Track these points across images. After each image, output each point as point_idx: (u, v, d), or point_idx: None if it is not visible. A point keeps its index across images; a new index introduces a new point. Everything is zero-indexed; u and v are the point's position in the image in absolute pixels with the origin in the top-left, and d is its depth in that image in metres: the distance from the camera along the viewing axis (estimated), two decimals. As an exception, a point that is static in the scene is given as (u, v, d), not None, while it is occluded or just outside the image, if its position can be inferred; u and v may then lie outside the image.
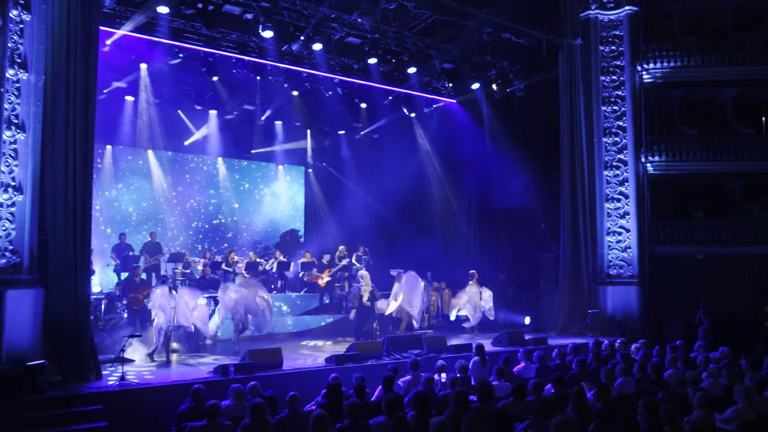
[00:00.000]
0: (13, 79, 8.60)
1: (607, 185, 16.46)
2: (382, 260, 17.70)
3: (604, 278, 16.21)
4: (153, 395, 8.42)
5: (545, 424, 6.27)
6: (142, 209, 18.34)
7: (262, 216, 21.07)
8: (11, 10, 8.58)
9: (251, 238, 20.69)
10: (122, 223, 17.62)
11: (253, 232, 20.87)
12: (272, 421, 7.06)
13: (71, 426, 7.59)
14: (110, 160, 17.56)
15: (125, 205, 18.06)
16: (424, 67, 16.20)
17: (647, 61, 16.52)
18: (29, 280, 8.68)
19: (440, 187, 19.44)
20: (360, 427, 6.60)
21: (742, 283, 15.92)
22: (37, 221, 8.91)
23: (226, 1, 12.76)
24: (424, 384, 8.57)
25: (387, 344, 11.45)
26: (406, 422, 6.16)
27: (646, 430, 6.31)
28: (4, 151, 8.45)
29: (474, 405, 7.42)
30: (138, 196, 18.30)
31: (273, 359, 10.01)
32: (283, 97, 17.44)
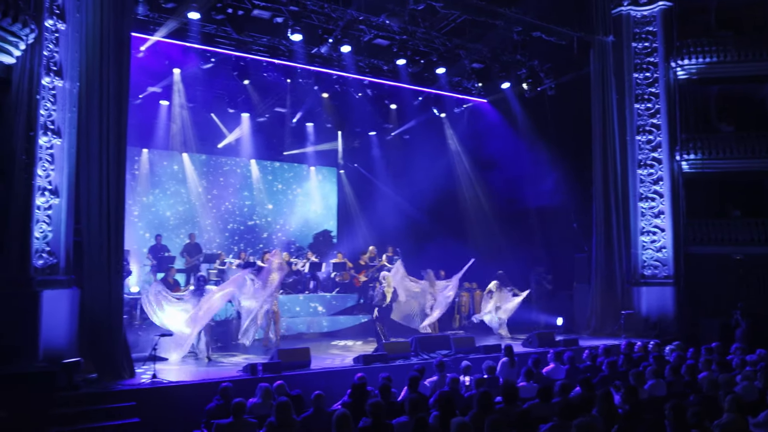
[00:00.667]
0: (49, 87, 8.90)
1: (641, 184, 16.19)
2: (414, 260, 17.74)
3: (638, 279, 15.96)
4: (183, 393, 8.62)
5: (569, 426, 6.23)
6: (178, 211, 18.69)
7: (295, 217, 21.28)
8: (47, 19, 8.87)
9: (285, 239, 20.92)
10: (159, 225, 17.97)
11: (286, 232, 21.08)
12: (297, 419, 7.15)
13: (104, 422, 7.83)
14: (147, 163, 17.94)
15: (162, 207, 18.43)
16: (453, 67, 16.19)
17: (682, 57, 16.19)
18: (65, 281, 8.97)
19: (471, 187, 19.37)
20: (383, 427, 6.65)
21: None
22: (73, 223, 9.18)
23: (255, 6, 12.99)
24: (449, 384, 8.61)
25: (415, 344, 11.49)
26: (427, 422, 6.19)
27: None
28: (40, 156, 8.74)
29: (499, 406, 7.40)
30: (174, 199, 18.67)
31: (301, 359, 10.14)
32: (314, 99, 17.62)
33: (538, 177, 17.33)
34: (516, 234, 18.26)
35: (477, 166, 19.21)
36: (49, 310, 8.54)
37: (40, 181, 8.75)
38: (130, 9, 10.24)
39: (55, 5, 9.04)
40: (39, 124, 8.70)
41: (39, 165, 8.74)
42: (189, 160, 18.62)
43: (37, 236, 8.69)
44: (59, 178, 9.02)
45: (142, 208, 17.90)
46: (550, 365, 10.58)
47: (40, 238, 8.72)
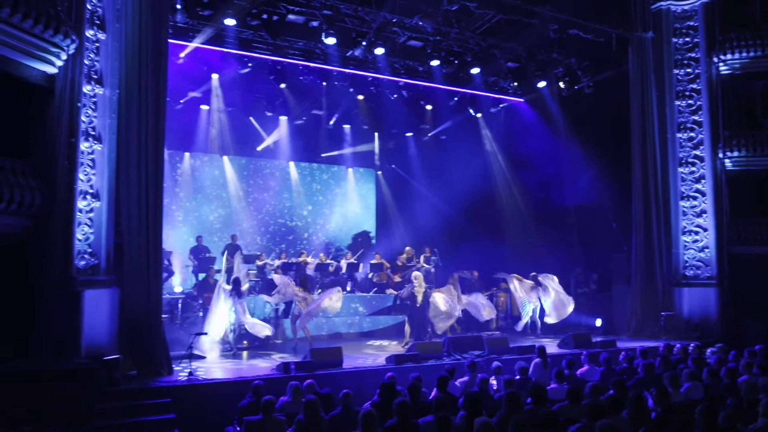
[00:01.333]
0: (90, 94, 9.26)
1: (682, 183, 15.82)
2: (450, 261, 17.78)
3: (680, 279, 15.59)
4: (218, 390, 8.86)
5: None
6: (219, 213, 19.12)
7: (334, 218, 21.52)
8: (87, 30, 9.24)
9: (324, 240, 21.18)
10: (201, 227, 18.42)
11: (325, 233, 21.34)
12: (325, 417, 7.29)
13: (141, 417, 8.12)
14: (189, 166, 18.41)
15: (203, 210, 18.88)
16: (488, 67, 16.14)
17: (724, 51, 15.73)
18: (106, 281, 9.32)
19: (507, 187, 19.28)
20: (409, 426, 6.71)
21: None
22: (113, 226, 9.53)
23: (290, 11, 13.23)
24: (478, 385, 8.63)
25: (447, 345, 11.52)
26: (449, 422, 6.24)
27: None
28: (82, 161, 9.11)
29: (527, 407, 7.39)
30: (215, 201, 19.10)
31: (333, 358, 10.29)
32: (350, 101, 17.81)
33: (575, 176, 17.13)
34: (553, 234, 18.08)
35: (513, 165, 19.10)
36: (90, 309, 8.89)
37: (81, 185, 9.12)
38: (167, 18, 10.56)
39: (95, 16, 9.41)
40: (80, 131, 9.07)
41: (81, 170, 9.10)
42: (229, 163, 19.03)
43: (79, 238, 9.06)
44: (100, 182, 9.38)
45: (184, 210, 18.37)
46: (584, 367, 10.49)
47: (82, 240, 9.09)
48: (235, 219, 19.27)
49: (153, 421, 8.11)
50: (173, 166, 18.18)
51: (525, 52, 16.35)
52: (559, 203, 17.69)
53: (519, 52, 16.29)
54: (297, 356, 11.27)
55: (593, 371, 10.31)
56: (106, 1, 9.57)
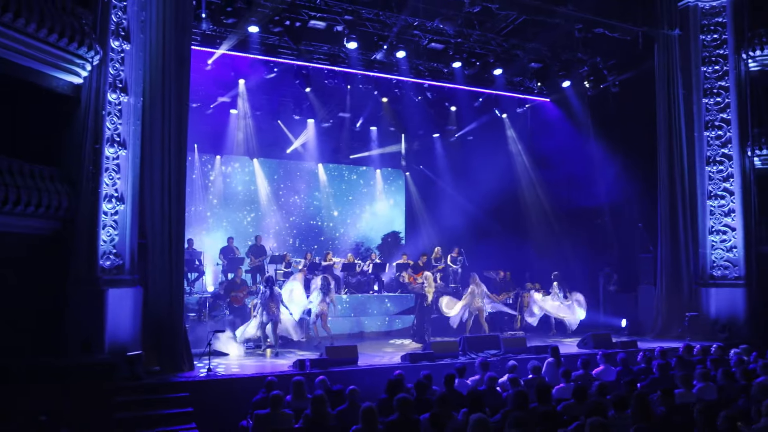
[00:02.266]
0: (115, 102, 9.74)
1: (710, 181, 15.59)
2: (478, 261, 17.90)
3: (707, 280, 15.37)
4: (234, 385, 9.23)
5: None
6: (250, 215, 19.61)
7: (363, 219, 21.82)
8: (113, 41, 9.72)
9: (353, 240, 21.49)
10: (232, 228, 18.93)
11: (354, 234, 21.65)
12: (332, 413, 7.57)
13: (160, 410, 8.54)
14: (220, 169, 18.95)
15: (234, 211, 19.39)
16: (511, 68, 16.20)
17: (753, 48, 15.44)
18: (130, 280, 9.80)
19: (533, 187, 19.27)
20: (409, 422, 6.93)
21: None
22: (137, 227, 10.00)
23: (312, 17, 13.56)
24: (486, 383, 8.78)
25: (463, 344, 11.67)
26: (442, 418, 6.44)
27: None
28: (107, 166, 9.60)
29: (532, 405, 7.51)
30: (246, 202, 19.58)
31: (349, 356, 10.57)
32: (375, 104, 18.07)
33: (600, 176, 17.05)
34: (579, 234, 18.04)
35: (539, 165, 19.09)
36: (114, 307, 9.37)
37: (106, 189, 9.61)
38: (190, 27, 10.98)
39: (120, 28, 9.89)
40: (106, 137, 9.55)
41: (106, 174, 9.59)
42: (259, 166, 19.50)
43: (105, 239, 9.55)
44: (125, 185, 9.86)
45: (215, 212, 18.91)
46: (600, 367, 10.51)
47: (107, 241, 9.58)
48: (266, 220, 19.74)
49: (171, 414, 8.52)
50: (204, 169, 18.73)
51: (549, 52, 16.37)
52: (585, 203, 17.62)
53: (542, 53, 16.31)
54: (317, 354, 11.57)
55: (609, 371, 10.34)
56: (131, 13, 10.04)
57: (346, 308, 16.01)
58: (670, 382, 9.02)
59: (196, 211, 18.48)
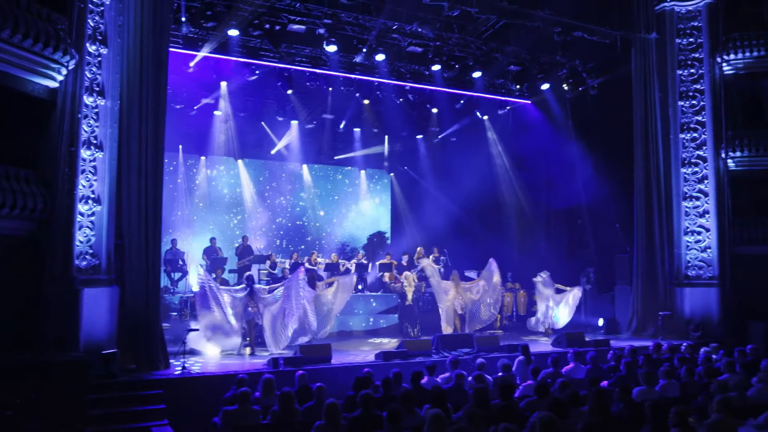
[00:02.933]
0: (92, 106, 9.92)
1: (685, 183, 15.84)
2: (461, 260, 18.15)
3: (682, 279, 15.62)
4: (207, 383, 9.42)
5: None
6: (235, 216, 19.80)
7: (348, 219, 22.03)
8: (90, 45, 9.90)
9: (339, 240, 21.70)
10: (216, 228, 19.10)
11: (341, 233, 21.86)
12: (300, 409, 7.79)
13: (134, 407, 8.74)
14: (205, 171, 19.12)
15: (219, 212, 19.58)
16: (490, 71, 16.41)
17: (728, 52, 15.71)
18: (106, 280, 9.97)
19: (515, 189, 19.52)
20: (372, 417, 7.16)
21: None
22: (114, 228, 10.18)
23: (291, 21, 13.75)
24: (454, 380, 9.01)
25: (436, 342, 11.89)
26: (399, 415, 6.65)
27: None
28: (84, 168, 9.78)
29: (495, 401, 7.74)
30: (231, 203, 19.77)
31: (322, 354, 10.78)
32: (358, 106, 18.27)
33: (580, 177, 17.28)
34: (558, 234, 18.30)
35: (519, 166, 19.34)
36: (89, 306, 9.55)
37: (83, 190, 9.79)
38: (167, 32, 11.16)
39: (98, 32, 10.06)
40: (82, 140, 9.73)
41: (83, 176, 9.77)
42: (244, 167, 19.69)
43: (81, 240, 9.73)
44: (101, 187, 10.04)
45: (201, 215, 19.08)
46: (570, 365, 10.75)
47: (83, 242, 9.76)
48: (252, 222, 19.93)
49: (144, 411, 8.72)
50: (190, 172, 18.92)
51: (528, 55, 16.61)
52: (564, 204, 17.89)
53: (522, 56, 16.54)
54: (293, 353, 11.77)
55: (578, 369, 10.58)
56: (108, 18, 10.21)
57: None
58: (635, 380, 9.28)
59: (183, 214, 18.67)
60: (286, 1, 13.25)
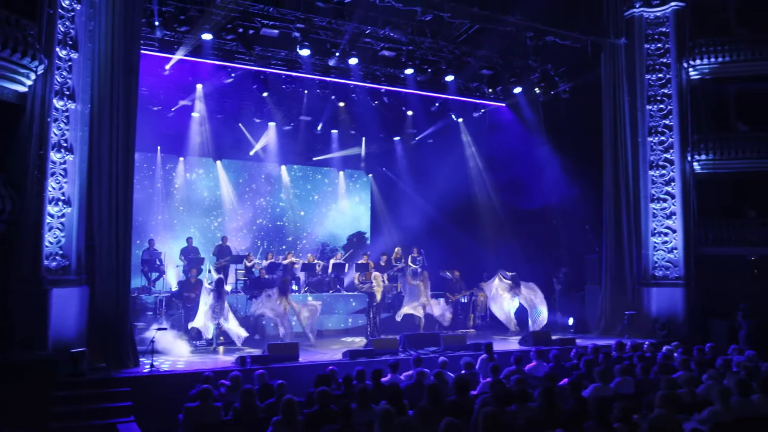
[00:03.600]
0: (62, 109, 10.12)
1: (653, 185, 16.23)
2: (438, 261, 18.47)
3: (649, 279, 16.01)
4: (174, 380, 9.65)
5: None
6: (216, 219, 19.99)
7: (329, 218, 22.26)
8: (60, 50, 10.10)
9: (320, 240, 21.94)
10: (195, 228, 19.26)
11: (322, 233, 22.09)
12: (261, 405, 8.05)
13: (100, 404, 8.97)
14: (184, 175, 19.30)
15: (198, 212, 19.75)
16: (462, 74, 16.69)
17: (694, 57, 16.12)
18: (76, 280, 10.18)
19: (488, 190, 19.84)
20: (328, 413, 7.42)
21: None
22: (85, 229, 10.38)
23: (264, 25, 13.97)
24: (415, 378, 9.29)
25: (403, 341, 12.17)
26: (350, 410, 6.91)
27: (596, 427, 6.72)
28: (54, 170, 9.98)
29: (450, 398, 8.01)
30: (212, 207, 19.95)
31: (290, 353, 11.03)
32: (334, 108, 18.49)
33: (552, 179, 17.59)
34: (530, 235, 18.61)
35: (493, 169, 19.65)
36: (58, 306, 9.75)
37: (53, 192, 9.99)
38: (138, 36, 11.35)
39: (68, 37, 10.26)
40: (52, 143, 9.93)
41: (53, 178, 9.97)
42: (223, 169, 19.89)
43: (51, 241, 9.93)
44: (72, 189, 10.24)
45: (182, 218, 19.25)
46: (533, 363, 11.05)
47: (53, 243, 9.97)
48: (233, 224, 20.11)
49: (110, 408, 8.94)
50: (169, 177, 19.11)
51: (500, 59, 16.89)
52: (537, 205, 18.15)
53: (494, 60, 16.82)
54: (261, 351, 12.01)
55: (540, 366, 10.87)
56: (79, 23, 10.41)
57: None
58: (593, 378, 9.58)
59: (163, 218, 18.84)
60: (259, 6, 13.47)
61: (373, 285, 14.10)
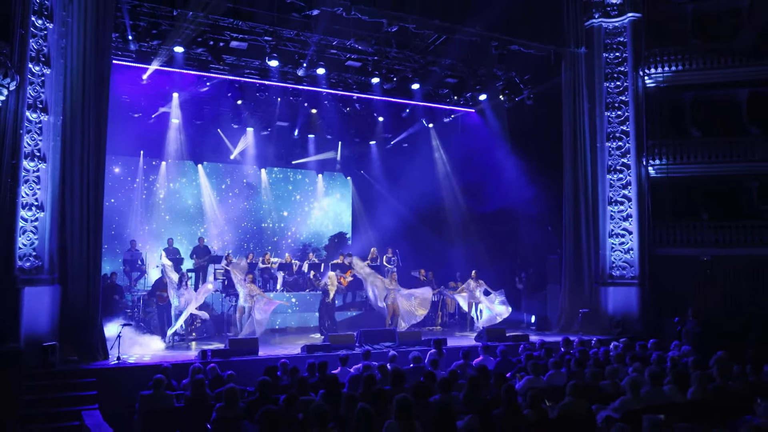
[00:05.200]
0: (35, 121, 10.92)
1: (611, 188, 16.94)
2: (412, 261, 19.26)
3: (606, 279, 16.73)
4: (137, 372, 10.43)
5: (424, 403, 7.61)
6: (201, 225, 20.77)
7: (310, 219, 23.06)
8: (33, 66, 10.89)
9: (302, 241, 22.73)
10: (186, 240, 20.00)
11: (306, 233, 22.90)
12: (211, 394, 8.84)
13: (66, 393, 9.77)
14: (164, 174, 20.10)
15: (188, 224, 20.53)
16: (427, 83, 17.44)
17: (649, 66, 16.85)
18: (48, 279, 10.96)
19: (456, 193, 20.62)
20: (268, 400, 8.18)
21: (748, 285, 15.97)
22: (58, 232, 11.18)
23: (234, 37, 14.73)
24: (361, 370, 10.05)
25: (360, 337, 12.93)
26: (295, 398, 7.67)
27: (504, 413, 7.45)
28: (27, 178, 10.77)
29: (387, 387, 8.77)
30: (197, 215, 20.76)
31: (250, 347, 11.81)
32: (309, 114, 19.26)
33: (517, 183, 18.30)
34: (496, 237, 19.37)
35: (461, 173, 20.41)
36: (30, 304, 10.54)
37: (27, 198, 10.78)
38: (109, 52, 12.12)
39: (41, 54, 11.05)
40: (25, 152, 10.72)
41: (26, 185, 10.76)
42: (203, 171, 20.68)
43: (24, 243, 10.74)
44: (45, 195, 11.02)
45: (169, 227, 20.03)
46: (480, 357, 11.81)
47: (27, 245, 10.78)
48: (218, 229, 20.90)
49: (76, 397, 9.75)
50: (148, 175, 19.91)
51: (466, 67, 17.60)
52: (500, 208, 18.88)
53: (459, 68, 17.54)
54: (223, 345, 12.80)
55: (487, 360, 11.62)
56: (51, 41, 11.20)
57: (294, 305, 17.51)
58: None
59: (144, 221, 19.63)
60: (228, 20, 14.22)
61: (328, 283, 14.89)
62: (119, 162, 19.28)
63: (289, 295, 17.74)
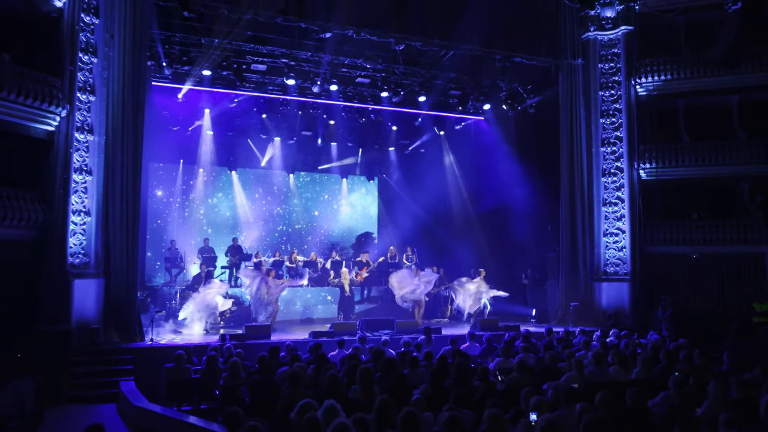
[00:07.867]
0: (83, 141, 13.04)
1: (605, 190, 18.12)
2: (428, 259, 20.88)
3: (600, 275, 17.92)
4: (167, 351, 12.30)
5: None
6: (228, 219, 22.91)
7: (338, 217, 24.98)
8: (81, 95, 13.01)
9: (328, 241, 24.60)
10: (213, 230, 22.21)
11: (331, 232, 24.79)
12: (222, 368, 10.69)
13: (109, 367, 11.83)
14: (201, 180, 22.28)
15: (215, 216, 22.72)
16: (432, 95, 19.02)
17: (640, 75, 17.95)
18: (94, 273, 13.06)
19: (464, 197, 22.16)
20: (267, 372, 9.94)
21: (733, 281, 16.97)
22: (102, 234, 13.27)
23: (255, 61, 16.65)
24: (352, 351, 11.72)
25: (361, 325, 14.62)
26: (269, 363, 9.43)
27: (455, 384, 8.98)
28: (76, 189, 12.89)
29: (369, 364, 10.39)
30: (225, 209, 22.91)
31: (263, 332, 13.66)
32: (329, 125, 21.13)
33: (521, 186, 19.70)
34: (500, 236, 20.79)
35: (470, 177, 21.94)
36: (79, 293, 12.66)
37: (76, 205, 12.91)
38: (144, 80, 14.17)
39: (88, 85, 13.17)
40: (75, 167, 12.84)
41: (75, 195, 12.89)
42: (236, 177, 22.80)
43: (74, 243, 12.88)
44: (91, 203, 13.14)
45: (197, 217, 22.22)
46: (467, 343, 13.34)
47: (76, 244, 12.91)
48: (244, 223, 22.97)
49: (115, 370, 11.79)
50: (187, 180, 22.13)
51: (470, 80, 19.08)
52: (508, 210, 20.29)
53: (463, 81, 19.03)
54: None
55: (473, 347, 13.15)
56: (96, 73, 13.32)
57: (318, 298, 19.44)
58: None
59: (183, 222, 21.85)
60: (249, 45, 16.11)
61: (342, 279, 16.63)
62: (157, 168, 21.59)
63: (318, 289, 19.59)
